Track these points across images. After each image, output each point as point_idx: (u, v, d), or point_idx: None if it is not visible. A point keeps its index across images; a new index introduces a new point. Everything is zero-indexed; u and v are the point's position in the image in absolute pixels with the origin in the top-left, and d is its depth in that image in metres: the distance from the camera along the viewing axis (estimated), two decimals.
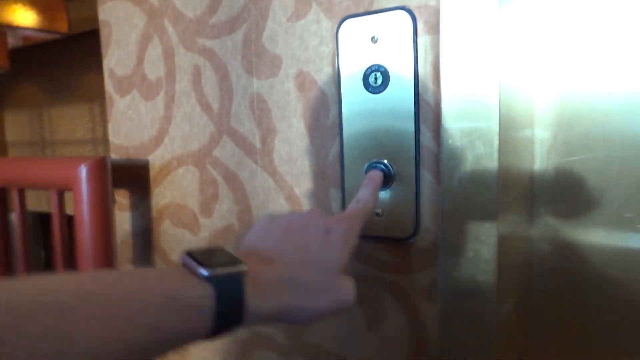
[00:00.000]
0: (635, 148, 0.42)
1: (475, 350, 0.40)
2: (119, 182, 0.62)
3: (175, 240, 0.60)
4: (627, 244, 0.43)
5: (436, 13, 0.40)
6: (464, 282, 0.40)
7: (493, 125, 0.38)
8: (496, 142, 0.38)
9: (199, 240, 0.58)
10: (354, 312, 0.48)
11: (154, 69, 0.58)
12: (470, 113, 0.38)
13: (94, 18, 0.62)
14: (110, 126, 0.63)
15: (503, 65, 0.37)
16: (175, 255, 0.60)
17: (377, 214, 0.44)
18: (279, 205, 0.51)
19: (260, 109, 0.51)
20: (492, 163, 0.38)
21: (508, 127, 0.40)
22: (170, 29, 0.55)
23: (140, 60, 0.58)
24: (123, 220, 0.64)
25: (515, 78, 0.41)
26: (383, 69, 0.42)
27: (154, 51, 0.57)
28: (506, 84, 0.38)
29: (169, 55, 0.56)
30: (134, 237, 0.64)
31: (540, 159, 0.46)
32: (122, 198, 0.64)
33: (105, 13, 0.60)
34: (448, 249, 0.41)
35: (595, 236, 0.44)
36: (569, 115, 0.44)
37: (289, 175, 0.50)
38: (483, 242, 0.39)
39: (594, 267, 0.45)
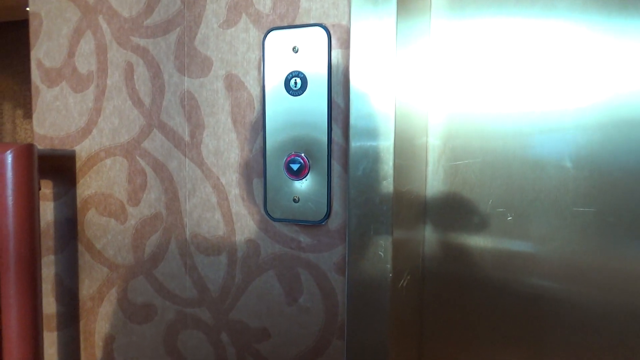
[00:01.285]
0: (503, 155, 0.52)
1: (375, 311, 0.48)
2: (42, 172, 0.63)
3: (100, 229, 0.62)
4: (499, 235, 0.54)
5: (347, 31, 0.48)
6: (367, 257, 0.48)
7: (391, 128, 0.46)
8: (392, 141, 0.46)
9: (126, 228, 0.61)
10: (275, 290, 0.54)
11: (86, 62, 0.60)
12: (372, 116, 0.46)
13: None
14: (35, 116, 0.64)
15: (400, 82, 0.46)
16: (100, 244, 0.62)
17: (295, 200, 0.51)
18: (206, 193, 0.56)
19: (190, 105, 0.56)
20: (389, 158, 0.46)
21: (404, 132, 0.48)
22: (104, 25, 0.58)
23: (71, 54, 0.60)
24: (46, 211, 0.64)
25: (412, 94, 0.50)
26: (302, 75, 0.50)
27: (87, 46, 0.59)
28: (402, 98, 0.47)
29: (101, 51, 0.59)
30: (57, 227, 0.64)
31: (432, 162, 0.56)
32: (45, 188, 0.64)
33: (36, 5, 0.62)
34: (354, 229, 0.48)
35: (474, 221, 0.54)
36: (455, 128, 0.54)
37: (215, 167, 0.55)
38: (381, 222, 0.47)
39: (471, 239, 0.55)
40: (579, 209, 0.51)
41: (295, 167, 0.50)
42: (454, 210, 0.55)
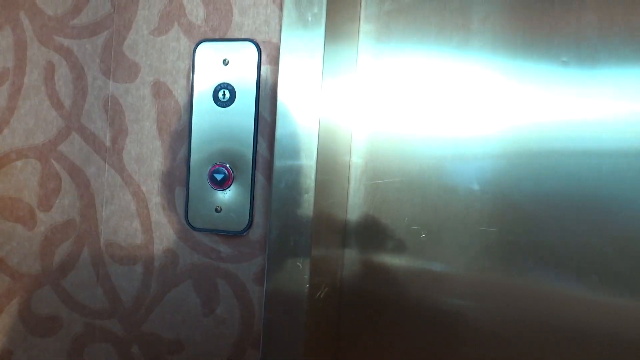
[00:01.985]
0: (419, 176, 0.56)
1: (291, 321, 0.49)
2: None
3: (4, 234, 0.58)
4: (413, 251, 0.57)
5: (277, 48, 0.50)
6: (286, 268, 0.49)
7: (315, 144, 0.48)
8: (315, 156, 0.48)
9: (34, 235, 0.57)
10: (191, 301, 0.53)
11: (1, 58, 0.57)
12: (297, 131, 0.48)
13: None
14: None
15: (325, 102, 0.48)
16: (4, 251, 0.58)
17: (217, 210, 0.51)
18: (125, 201, 0.55)
19: (113, 110, 0.54)
20: (312, 172, 0.48)
21: (327, 149, 0.51)
22: (26, 22, 0.56)
23: None
24: None
25: (336, 114, 0.52)
26: (231, 87, 0.51)
27: (4, 41, 0.57)
28: (327, 117, 0.49)
29: (20, 48, 0.56)
30: None
31: (354, 179, 0.59)
32: None
33: None
34: (274, 240, 0.49)
35: (391, 237, 0.57)
36: (376, 148, 0.58)
37: (137, 174, 0.54)
38: (301, 234, 0.48)
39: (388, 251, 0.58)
40: (484, 228, 0.56)
41: (219, 177, 0.50)
42: (373, 226, 0.58)
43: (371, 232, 0.58)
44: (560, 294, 0.53)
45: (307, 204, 0.48)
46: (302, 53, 0.48)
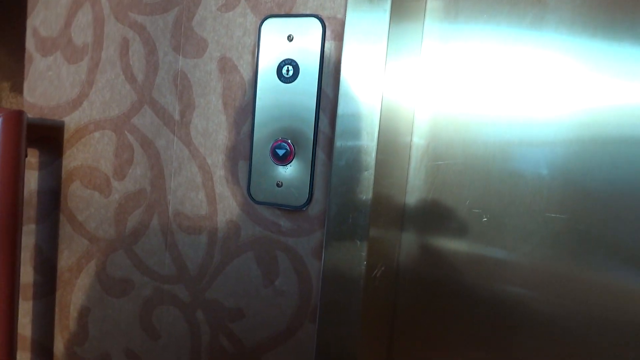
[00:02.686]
0: (484, 158, 0.54)
1: (348, 297, 0.49)
2: (29, 141, 0.63)
3: (84, 201, 0.63)
4: (474, 238, 0.55)
5: (342, 24, 0.49)
6: (344, 244, 0.49)
7: (376, 122, 0.47)
8: (376, 135, 0.48)
9: (109, 202, 0.61)
10: (252, 271, 0.55)
11: (82, 34, 0.60)
12: (359, 109, 0.48)
13: None
14: (25, 84, 0.64)
15: (388, 80, 0.47)
16: (83, 216, 0.63)
17: (278, 185, 0.52)
18: (191, 173, 0.57)
19: (182, 85, 0.56)
20: (372, 151, 0.48)
21: (389, 128, 0.50)
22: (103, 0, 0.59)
23: (68, 24, 0.61)
24: (30, 180, 0.65)
25: (399, 94, 0.51)
26: (295, 64, 0.51)
27: (84, 18, 0.60)
28: (389, 96, 0.48)
29: (98, 24, 0.59)
30: (40, 197, 0.65)
31: (414, 160, 0.58)
32: (31, 157, 0.64)
33: None
34: (333, 216, 0.50)
35: (450, 222, 0.56)
36: (439, 130, 0.56)
37: (203, 147, 0.56)
38: (360, 211, 0.49)
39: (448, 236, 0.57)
40: (552, 215, 0.53)
41: (281, 152, 0.51)
42: (433, 208, 0.57)
43: (431, 214, 0.57)
44: (631, 290, 0.50)
45: (367, 183, 0.48)
46: (367, 29, 0.47)
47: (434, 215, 0.57)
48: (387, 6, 0.47)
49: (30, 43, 0.63)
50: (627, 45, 0.49)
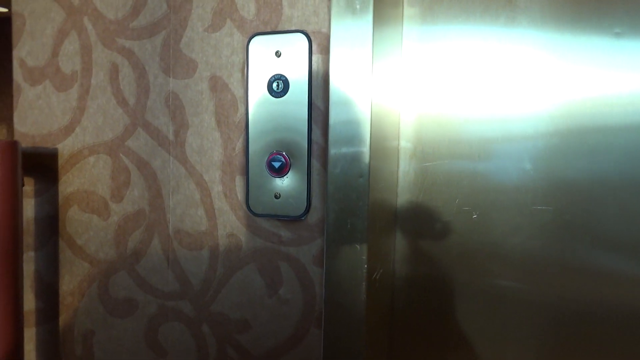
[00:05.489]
0: (469, 157, 0.57)
1: (351, 301, 0.51)
2: (24, 170, 0.63)
3: (82, 225, 0.63)
4: (465, 235, 0.58)
5: (327, 38, 0.51)
6: (344, 250, 0.51)
7: (367, 130, 0.50)
8: (368, 142, 0.50)
9: (108, 224, 0.62)
10: (255, 283, 0.57)
11: (70, 62, 0.61)
12: (350, 118, 0.50)
13: None
14: (15, 114, 0.65)
15: (376, 88, 0.50)
16: (82, 239, 0.63)
17: (276, 197, 0.54)
18: (189, 190, 0.58)
19: (174, 105, 0.58)
20: (366, 157, 0.50)
21: (379, 134, 0.52)
22: (89, 27, 0.60)
23: (55, 53, 0.62)
24: (27, 207, 0.65)
25: (385, 100, 0.53)
26: (284, 78, 0.53)
27: (71, 46, 0.61)
28: (377, 103, 0.51)
29: (86, 51, 0.60)
30: (38, 224, 0.65)
31: (403, 162, 0.60)
32: (26, 185, 0.65)
33: (19, 5, 0.62)
34: (332, 223, 0.51)
35: (441, 220, 0.58)
36: (424, 132, 0.58)
37: (199, 165, 0.58)
38: (358, 216, 0.50)
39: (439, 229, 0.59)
40: (539, 207, 0.56)
41: (277, 165, 0.53)
42: (424, 208, 0.59)
43: (422, 214, 0.60)
44: (618, 276, 0.53)
45: (362, 188, 0.50)
46: (351, 41, 0.49)
47: (426, 215, 0.59)
48: (370, 17, 0.49)
49: (17, 73, 0.64)
50: (596, 36, 0.52)
